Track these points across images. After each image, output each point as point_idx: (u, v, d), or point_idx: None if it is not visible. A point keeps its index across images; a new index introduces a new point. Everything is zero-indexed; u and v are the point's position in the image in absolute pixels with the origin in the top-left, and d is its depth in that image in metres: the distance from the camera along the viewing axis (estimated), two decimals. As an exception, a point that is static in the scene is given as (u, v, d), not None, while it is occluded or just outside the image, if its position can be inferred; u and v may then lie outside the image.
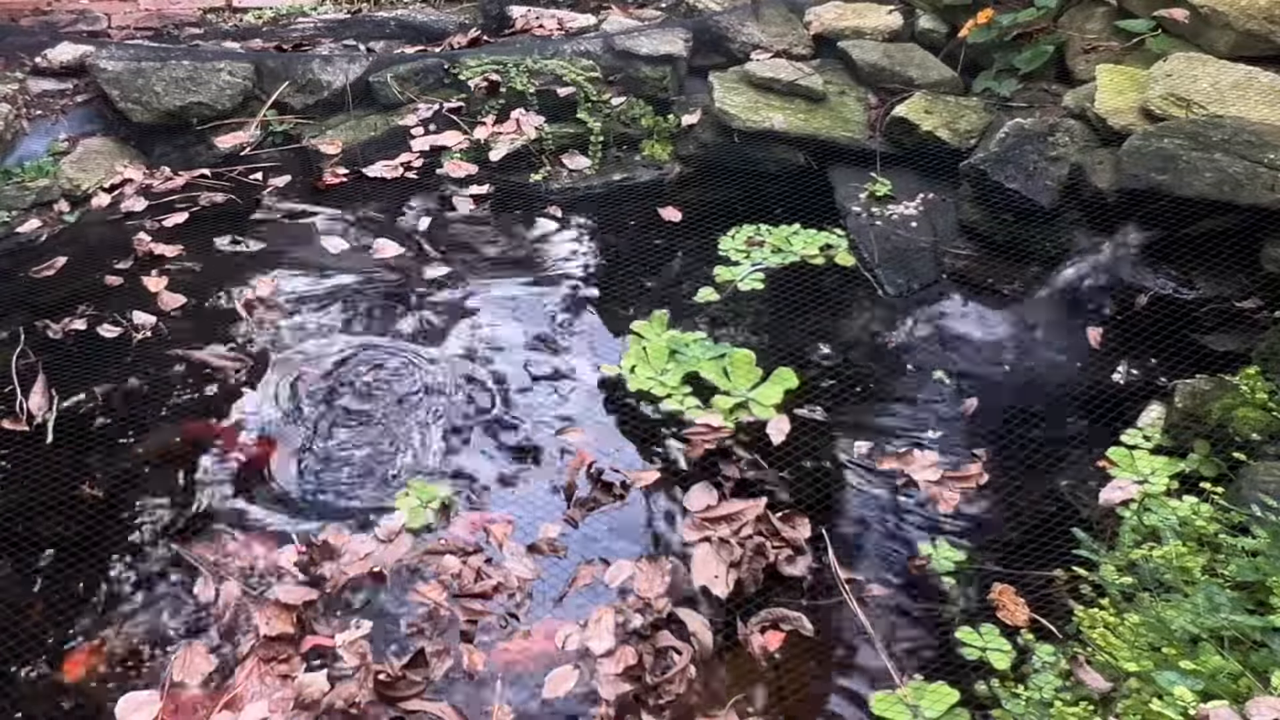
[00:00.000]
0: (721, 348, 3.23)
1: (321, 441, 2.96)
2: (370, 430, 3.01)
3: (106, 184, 4.12)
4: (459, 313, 3.50)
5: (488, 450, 2.94)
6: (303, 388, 3.16)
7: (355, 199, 4.12)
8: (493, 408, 3.08)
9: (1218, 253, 3.12)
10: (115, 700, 2.27)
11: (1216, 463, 2.60)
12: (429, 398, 3.12)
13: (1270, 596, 1.99)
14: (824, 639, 2.39)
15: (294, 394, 3.14)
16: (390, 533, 2.65)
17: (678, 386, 3.11)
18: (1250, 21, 3.52)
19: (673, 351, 3.22)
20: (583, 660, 2.33)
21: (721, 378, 3.11)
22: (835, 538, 2.62)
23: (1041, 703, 2.06)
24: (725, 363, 3.17)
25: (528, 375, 3.21)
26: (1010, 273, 3.44)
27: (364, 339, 3.38)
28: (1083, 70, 3.89)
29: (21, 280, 3.67)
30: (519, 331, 3.40)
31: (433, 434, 2.99)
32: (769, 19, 4.60)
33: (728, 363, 3.17)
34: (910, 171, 3.88)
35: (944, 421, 2.99)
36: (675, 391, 3.10)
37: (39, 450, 2.93)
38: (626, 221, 4.01)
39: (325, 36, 4.90)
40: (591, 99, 4.32)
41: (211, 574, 2.55)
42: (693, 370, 3.16)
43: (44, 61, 4.53)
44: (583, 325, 3.44)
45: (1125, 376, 3.06)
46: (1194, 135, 3.16)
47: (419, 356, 3.29)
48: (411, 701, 2.24)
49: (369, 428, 3.02)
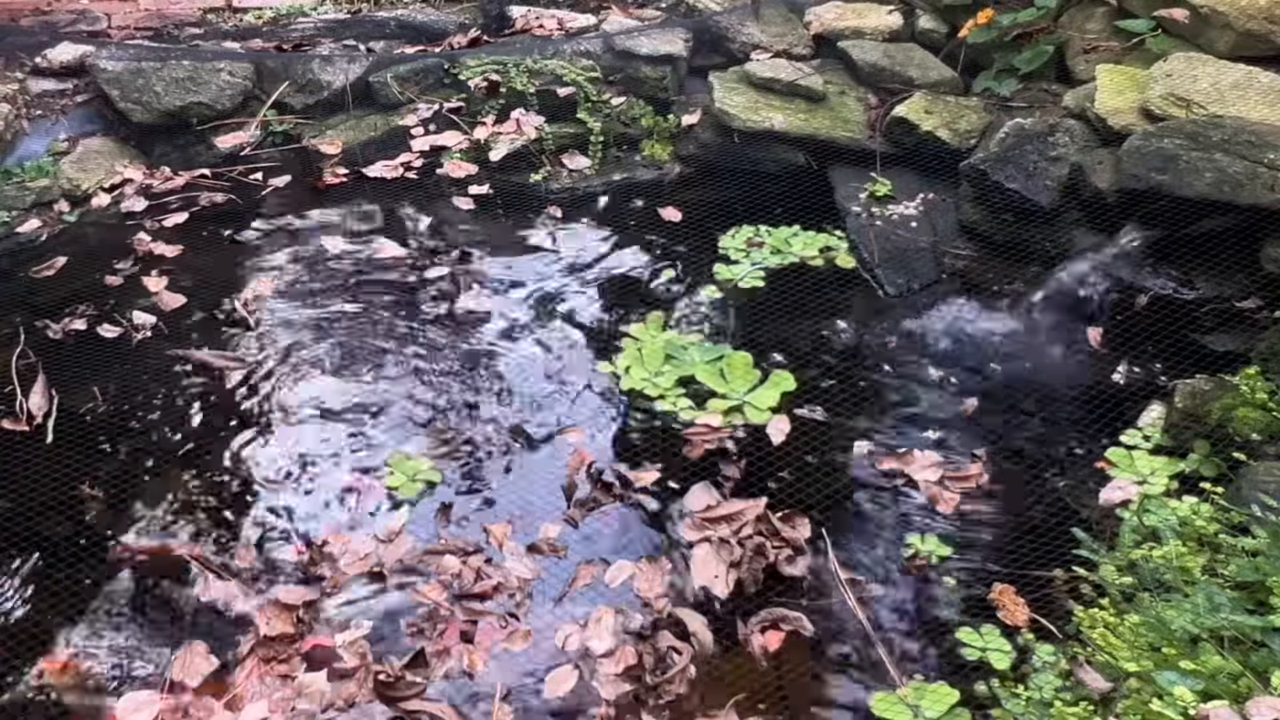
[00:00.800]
0: (720, 349, 3.22)
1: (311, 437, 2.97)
2: (369, 433, 3.01)
3: (106, 184, 4.12)
4: (459, 313, 3.50)
5: (485, 450, 2.94)
6: (301, 384, 3.16)
7: (355, 199, 4.12)
8: (491, 407, 3.09)
9: (1218, 253, 3.12)
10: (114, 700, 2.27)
11: (1216, 463, 2.60)
12: (428, 398, 3.13)
13: (1270, 596, 1.99)
14: (824, 639, 2.39)
15: (291, 391, 3.14)
16: (390, 533, 2.65)
17: (671, 388, 3.10)
18: (1250, 21, 3.52)
19: (668, 355, 3.21)
20: (583, 660, 2.33)
21: (718, 380, 3.10)
22: (835, 538, 2.62)
23: (1041, 703, 2.06)
24: (722, 364, 3.16)
25: (526, 375, 3.21)
26: (1010, 273, 3.44)
27: (364, 339, 3.38)
28: (1083, 70, 3.89)
29: (21, 280, 3.68)
30: (518, 332, 3.40)
31: (429, 435, 2.99)
32: (769, 19, 4.60)
33: (724, 365, 3.16)
34: (910, 171, 3.88)
35: (944, 421, 2.99)
36: (669, 393, 3.09)
37: (39, 450, 2.93)
38: (626, 221, 4.01)
39: (325, 36, 4.90)
40: (591, 99, 4.32)
41: (211, 574, 2.55)
42: (689, 373, 3.14)
43: (44, 61, 4.53)
44: (582, 326, 3.44)
45: (1125, 376, 3.06)
46: (1194, 135, 3.16)
47: (418, 356, 3.29)
48: (411, 701, 2.24)
49: (366, 432, 3.02)
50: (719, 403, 3.03)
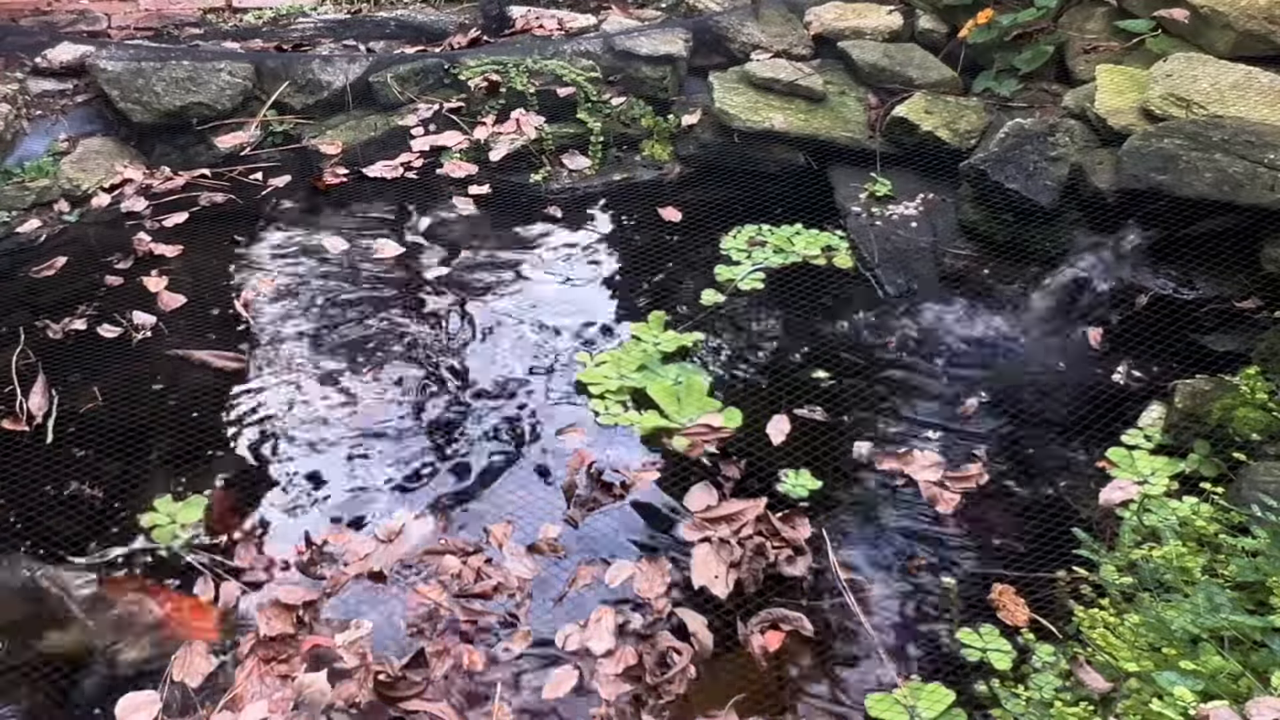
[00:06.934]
0: (690, 371, 3.16)
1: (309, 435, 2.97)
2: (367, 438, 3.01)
3: (106, 184, 4.12)
4: (458, 312, 3.50)
5: (485, 449, 2.94)
6: (300, 383, 3.16)
7: (355, 199, 4.12)
8: (491, 407, 3.09)
9: (1218, 253, 3.13)
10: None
11: (1216, 463, 2.60)
12: (427, 397, 3.13)
13: (1270, 596, 1.99)
14: (824, 639, 2.39)
15: (290, 389, 3.14)
16: (390, 533, 2.65)
17: (616, 393, 3.08)
18: (1250, 21, 3.52)
19: (643, 365, 3.18)
20: (583, 660, 2.33)
21: (670, 400, 3.04)
22: (835, 538, 2.62)
23: (1041, 703, 2.06)
24: (680, 389, 3.09)
25: (524, 375, 3.21)
26: (1010, 273, 3.44)
27: (363, 339, 3.38)
28: (1083, 70, 3.90)
29: (21, 280, 3.68)
30: (517, 332, 3.40)
31: (426, 437, 2.99)
32: (769, 19, 4.60)
33: (683, 389, 3.09)
34: (910, 171, 3.88)
35: (944, 421, 2.99)
36: (610, 399, 3.07)
37: (39, 450, 2.93)
38: (626, 222, 4.02)
39: (325, 36, 4.90)
40: (591, 99, 4.32)
41: (211, 574, 2.55)
42: (650, 384, 3.10)
43: (44, 61, 4.53)
44: (582, 326, 3.43)
45: (1125, 376, 3.06)
46: (1194, 135, 3.16)
47: (418, 355, 3.29)
48: (411, 701, 2.24)
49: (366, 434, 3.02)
50: (653, 418, 3.00)
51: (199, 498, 2.76)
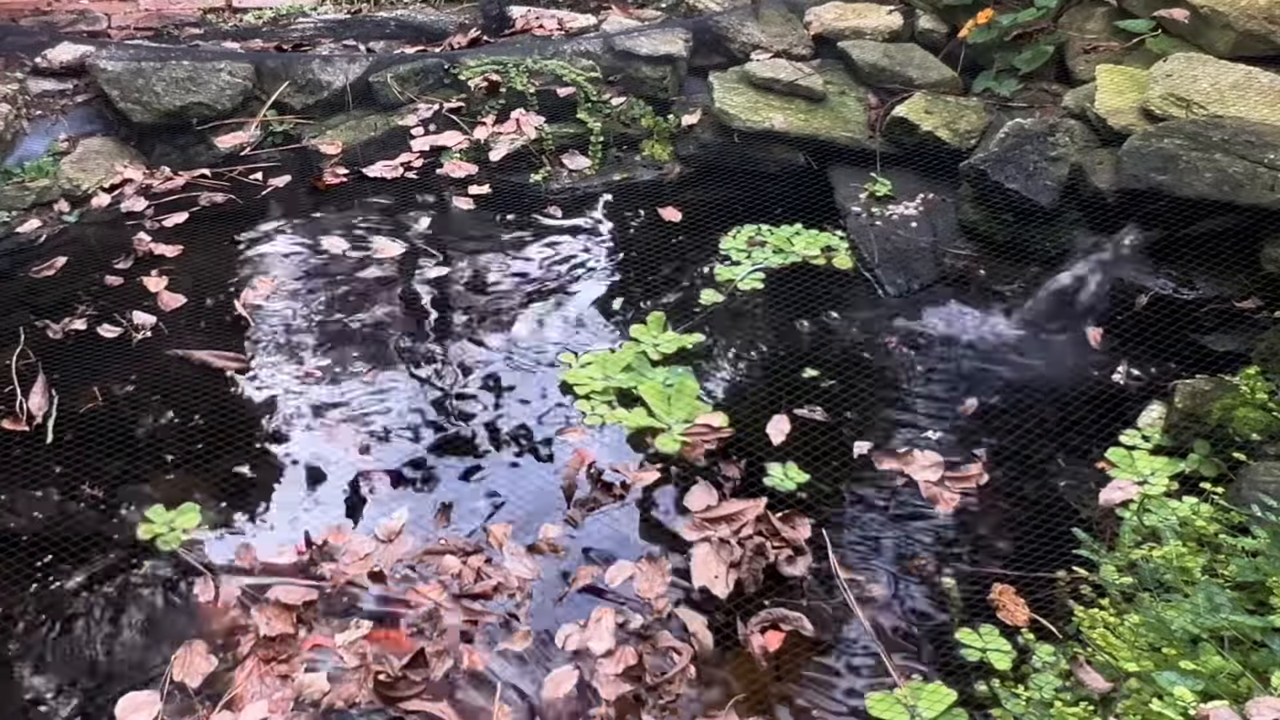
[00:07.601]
0: (682, 376, 3.16)
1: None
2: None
3: (106, 184, 4.11)
4: (458, 312, 3.50)
5: (484, 449, 2.94)
6: (300, 383, 3.16)
7: (355, 199, 4.12)
8: (491, 405, 3.09)
9: (1218, 253, 3.13)
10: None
11: (1216, 463, 2.60)
12: (426, 396, 3.13)
13: (1270, 596, 1.99)
14: (824, 639, 2.39)
15: (290, 389, 3.14)
16: (390, 533, 2.65)
17: (602, 392, 3.09)
18: (1250, 21, 3.52)
19: (628, 366, 3.17)
20: (583, 660, 2.33)
21: (661, 401, 3.04)
22: (835, 538, 2.62)
23: (1041, 703, 2.06)
24: (671, 391, 3.09)
25: (526, 374, 3.21)
26: (1010, 273, 3.44)
27: (363, 338, 3.38)
28: (1083, 70, 3.90)
29: (21, 280, 3.67)
30: (517, 332, 3.40)
31: (426, 436, 2.99)
32: (769, 19, 4.60)
33: (674, 391, 3.09)
34: (910, 171, 3.88)
35: (944, 421, 2.99)
36: (597, 398, 3.07)
37: (38, 450, 2.93)
38: (626, 222, 4.01)
39: (325, 36, 4.90)
40: (591, 99, 4.32)
41: (211, 574, 2.55)
42: (638, 383, 3.10)
43: (44, 61, 4.53)
44: (582, 325, 3.43)
45: (1125, 376, 3.06)
46: (1194, 135, 3.16)
47: (417, 355, 3.29)
48: (411, 701, 2.24)
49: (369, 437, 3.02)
50: (641, 417, 3.00)
51: (199, 498, 2.76)
